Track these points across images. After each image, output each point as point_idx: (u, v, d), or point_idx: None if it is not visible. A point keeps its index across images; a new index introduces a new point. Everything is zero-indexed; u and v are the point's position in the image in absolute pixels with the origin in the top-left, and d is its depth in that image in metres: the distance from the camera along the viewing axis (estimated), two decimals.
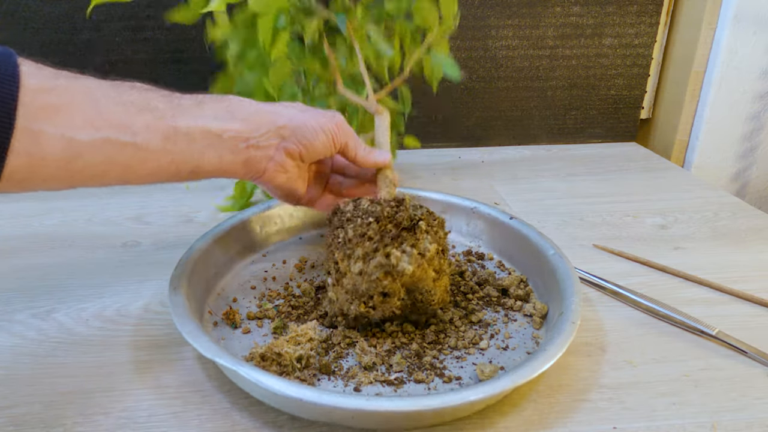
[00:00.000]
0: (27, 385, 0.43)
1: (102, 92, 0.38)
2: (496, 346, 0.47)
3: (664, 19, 0.92)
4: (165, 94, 0.42)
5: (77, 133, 0.36)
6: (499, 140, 0.98)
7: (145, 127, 0.39)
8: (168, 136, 0.41)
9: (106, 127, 0.38)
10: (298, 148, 0.47)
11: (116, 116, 0.38)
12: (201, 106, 0.43)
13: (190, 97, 0.44)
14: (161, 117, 0.40)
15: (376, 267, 0.43)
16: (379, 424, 0.39)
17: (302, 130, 0.47)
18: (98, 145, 0.37)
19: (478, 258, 0.59)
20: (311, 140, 0.47)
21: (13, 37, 0.81)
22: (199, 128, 0.42)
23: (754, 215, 0.72)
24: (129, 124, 0.39)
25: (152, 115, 0.40)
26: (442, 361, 0.45)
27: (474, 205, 0.63)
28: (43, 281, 0.56)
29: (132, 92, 0.40)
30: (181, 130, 0.41)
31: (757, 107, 0.91)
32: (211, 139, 0.43)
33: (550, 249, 0.53)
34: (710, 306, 0.53)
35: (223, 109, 0.44)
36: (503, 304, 0.52)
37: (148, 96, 0.41)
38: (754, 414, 0.41)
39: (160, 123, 0.40)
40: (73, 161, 0.37)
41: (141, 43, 0.84)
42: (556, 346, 0.40)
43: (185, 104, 0.43)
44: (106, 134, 0.38)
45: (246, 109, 0.45)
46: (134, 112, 0.39)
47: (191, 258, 0.51)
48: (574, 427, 0.40)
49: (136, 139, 0.39)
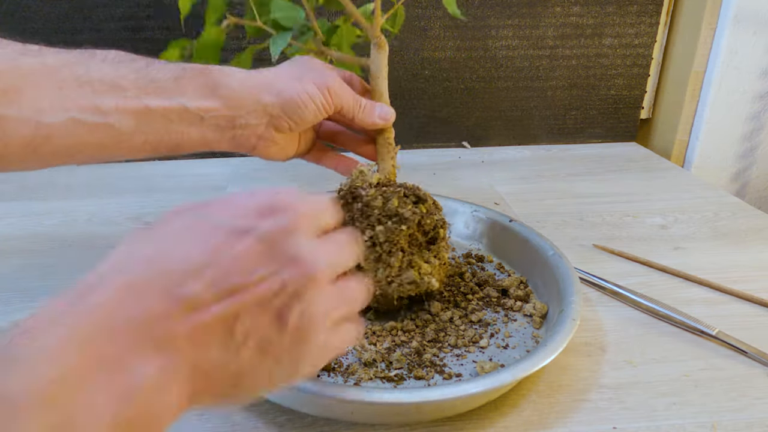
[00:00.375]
0: None
1: (69, 70, 0.36)
2: (496, 345, 0.47)
3: (664, 19, 0.92)
4: (139, 68, 0.39)
5: (44, 116, 0.35)
6: (499, 140, 0.98)
7: (115, 107, 0.37)
8: (141, 117, 0.38)
9: (75, 108, 0.36)
10: (287, 124, 0.45)
11: (84, 97, 0.36)
12: (178, 81, 0.40)
13: (168, 69, 0.40)
14: (133, 96, 0.38)
15: (407, 281, 0.45)
16: (379, 418, 0.39)
17: (291, 105, 0.44)
18: (68, 126, 0.36)
19: (478, 260, 0.59)
20: (301, 114, 0.44)
21: (13, 37, 0.81)
22: (175, 109, 0.39)
23: (754, 215, 0.72)
24: (98, 104, 0.37)
25: (123, 94, 0.37)
26: (442, 358, 0.45)
27: (474, 208, 0.63)
28: (43, 281, 0.56)
29: (102, 67, 0.38)
30: (156, 110, 0.39)
31: (757, 107, 0.91)
32: (191, 119, 0.40)
33: (550, 250, 0.53)
34: (710, 306, 0.53)
35: (203, 85, 0.41)
36: (503, 305, 0.52)
37: (119, 71, 0.38)
38: (754, 414, 0.41)
39: (131, 103, 0.38)
40: (43, 145, 0.36)
41: (141, 43, 0.84)
42: (557, 343, 0.41)
43: (160, 79, 0.39)
44: (75, 116, 0.36)
45: (229, 84, 0.42)
46: (103, 92, 0.37)
47: None
48: (574, 427, 0.40)
49: (107, 119, 0.37)
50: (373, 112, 0.47)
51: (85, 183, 0.81)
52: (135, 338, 0.23)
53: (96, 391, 0.21)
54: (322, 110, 0.45)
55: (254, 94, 0.43)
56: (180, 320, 0.24)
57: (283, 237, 0.26)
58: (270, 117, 0.44)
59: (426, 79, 0.91)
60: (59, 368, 0.20)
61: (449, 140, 0.97)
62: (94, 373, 0.21)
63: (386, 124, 0.48)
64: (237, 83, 0.42)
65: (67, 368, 0.20)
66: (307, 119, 0.45)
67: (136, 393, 0.22)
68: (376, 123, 0.48)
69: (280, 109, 0.44)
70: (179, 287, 0.24)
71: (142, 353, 0.23)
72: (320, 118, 0.46)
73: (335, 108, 0.46)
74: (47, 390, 0.20)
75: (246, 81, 0.43)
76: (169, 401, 0.23)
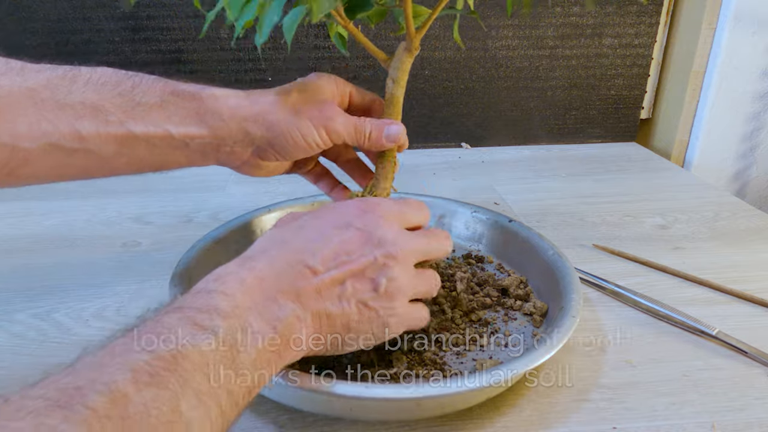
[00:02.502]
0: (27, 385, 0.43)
1: (50, 93, 0.36)
2: (496, 343, 0.47)
3: (664, 19, 0.92)
4: (124, 90, 0.38)
5: (21, 141, 0.35)
6: (499, 140, 0.98)
7: (96, 133, 0.37)
8: (123, 142, 0.38)
9: (54, 134, 0.35)
10: (274, 156, 0.43)
11: (64, 122, 0.36)
12: (165, 106, 0.39)
13: (155, 92, 0.39)
14: (117, 121, 0.37)
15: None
16: (379, 414, 0.39)
17: (280, 141, 0.42)
18: (46, 151, 0.36)
19: (478, 261, 0.59)
20: (290, 150, 0.42)
21: (13, 37, 0.81)
22: (160, 135, 0.39)
23: (754, 215, 0.72)
24: (78, 130, 0.36)
25: (105, 118, 0.37)
26: (442, 357, 0.45)
27: (473, 208, 0.63)
28: (43, 281, 0.56)
29: (86, 90, 0.37)
30: (139, 136, 0.38)
31: (757, 107, 0.91)
32: (176, 144, 0.40)
33: (550, 249, 0.53)
34: (710, 306, 0.53)
35: (192, 111, 0.40)
36: (503, 304, 0.52)
37: (103, 94, 0.37)
38: (754, 414, 0.41)
39: (114, 129, 0.37)
40: (20, 167, 0.35)
41: (141, 43, 0.84)
42: (556, 340, 0.40)
43: (146, 103, 0.39)
44: (54, 141, 0.35)
45: (218, 111, 0.40)
46: (84, 115, 0.36)
47: (201, 246, 0.52)
48: (574, 427, 0.40)
49: (87, 145, 0.37)
50: (381, 136, 0.44)
51: (85, 183, 0.80)
52: (280, 287, 0.33)
53: (257, 317, 0.31)
54: (315, 148, 0.43)
55: (243, 125, 0.41)
56: (308, 280, 0.34)
57: (373, 228, 0.37)
58: (255, 146, 0.42)
59: (426, 79, 0.91)
60: (233, 302, 0.31)
61: (449, 140, 0.97)
62: (254, 308, 0.32)
63: (397, 140, 0.44)
64: (227, 111, 0.41)
65: (239, 302, 0.31)
66: (295, 155, 0.43)
67: (281, 323, 0.32)
68: (384, 146, 0.44)
69: (267, 143, 0.42)
70: (307, 260, 0.35)
71: (285, 297, 0.33)
72: (311, 153, 0.43)
73: (335, 142, 0.43)
74: (229, 311, 0.30)
75: (237, 110, 0.41)
76: (299, 337, 0.33)
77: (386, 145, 0.44)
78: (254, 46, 0.85)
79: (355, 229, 0.36)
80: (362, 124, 0.43)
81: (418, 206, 0.41)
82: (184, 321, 0.29)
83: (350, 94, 0.46)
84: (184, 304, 0.30)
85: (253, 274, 0.33)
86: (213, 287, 0.32)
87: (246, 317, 0.31)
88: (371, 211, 0.38)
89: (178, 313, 0.29)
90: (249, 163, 0.44)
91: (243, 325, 0.31)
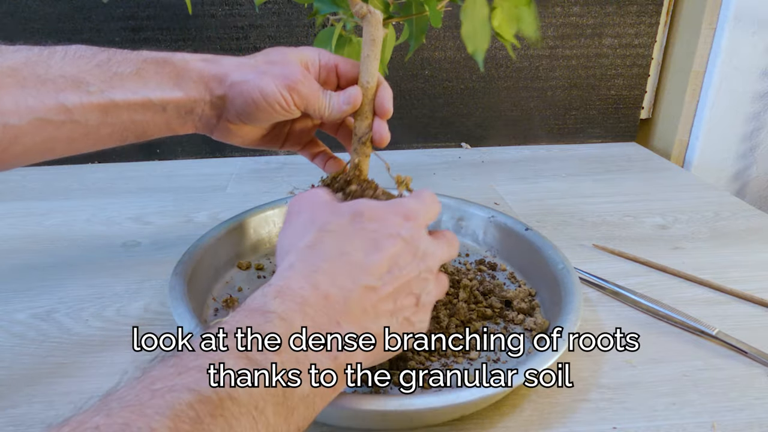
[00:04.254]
0: (27, 385, 0.43)
1: (30, 70, 0.37)
2: (487, 358, 0.45)
3: (664, 19, 0.92)
4: (101, 62, 0.39)
5: (9, 117, 0.35)
6: (499, 140, 0.98)
7: (80, 104, 0.38)
8: (107, 111, 0.39)
9: (40, 108, 0.36)
10: (239, 119, 0.43)
11: (48, 95, 0.36)
12: (140, 74, 0.40)
13: (129, 61, 0.40)
14: (98, 90, 0.38)
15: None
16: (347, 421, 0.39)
17: (241, 102, 0.41)
18: (34, 126, 0.36)
19: (490, 268, 0.58)
20: (253, 112, 0.41)
21: (13, 37, 0.81)
22: (139, 101, 0.40)
23: (754, 215, 0.72)
24: (62, 102, 0.37)
25: (86, 89, 0.38)
26: (427, 366, 0.43)
27: (491, 214, 0.62)
28: (43, 281, 0.56)
29: (63, 63, 0.38)
30: (120, 104, 0.39)
31: (757, 107, 0.91)
32: (155, 109, 0.41)
33: (560, 263, 0.51)
34: (710, 306, 0.53)
35: (165, 76, 0.41)
36: (504, 317, 0.50)
37: (81, 66, 0.38)
38: (754, 414, 0.41)
39: (96, 98, 0.38)
40: (12, 146, 0.36)
41: (141, 43, 0.84)
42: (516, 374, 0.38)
43: (123, 72, 0.40)
44: (41, 116, 0.36)
45: (188, 73, 0.41)
46: (66, 88, 0.37)
47: (201, 246, 0.52)
48: (574, 427, 0.40)
49: (72, 116, 0.37)
50: (340, 103, 0.43)
51: (85, 183, 0.81)
52: (344, 308, 0.32)
53: (315, 346, 0.30)
54: (279, 110, 0.42)
55: (209, 85, 0.42)
56: (369, 299, 0.33)
57: (417, 240, 0.36)
58: (217, 109, 0.43)
59: (426, 79, 0.91)
60: (291, 328, 0.29)
61: (449, 140, 0.97)
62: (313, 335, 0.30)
63: (353, 108, 0.43)
64: (196, 73, 0.41)
65: (296, 328, 0.30)
66: (260, 118, 0.42)
67: (341, 353, 0.31)
68: (345, 111, 0.43)
69: (230, 102, 0.42)
70: (368, 276, 0.34)
71: (348, 320, 0.32)
72: (277, 117, 0.42)
73: (300, 107, 0.42)
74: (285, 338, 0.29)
75: (203, 71, 0.42)
76: (355, 363, 0.32)
77: (345, 108, 0.43)
78: (254, 46, 0.85)
79: (403, 240, 0.36)
80: (326, 92, 0.43)
81: (434, 203, 0.40)
82: (234, 353, 0.27)
83: (336, 66, 0.45)
84: (235, 328, 0.28)
85: (318, 291, 0.32)
86: (271, 306, 0.30)
87: (302, 347, 0.29)
88: (414, 219, 0.37)
89: (228, 341, 0.27)
90: (220, 128, 0.44)
91: (298, 357, 0.29)
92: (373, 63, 0.41)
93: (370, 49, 0.41)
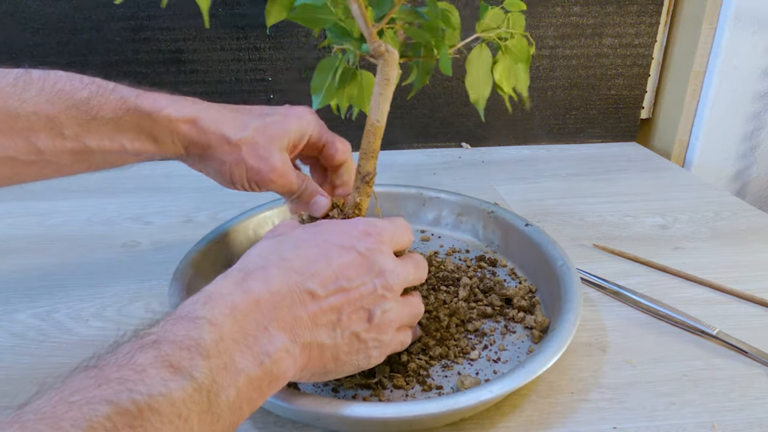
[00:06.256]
0: (27, 384, 0.43)
1: (1, 101, 0.36)
2: (487, 358, 0.45)
3: (664, 19, 0.92)
4: (80, 102, 0.38)
5: None
6: (499, 140, 0.98)
7: (53, 147, 0.37)
8: (80, 154, 0.39)
9: (10, 147, 0.36)
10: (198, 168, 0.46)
11: (20, 135, 0.36)
12: (120, 124, 0.39)
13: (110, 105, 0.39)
14: (72, 135, 0.37)
15: None
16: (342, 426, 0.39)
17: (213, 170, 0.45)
18: (4, 162, 0.36)
19: (490, 264, 0.58)
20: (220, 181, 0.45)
21: (13, 37, 0.81)
22: (114, 149, 0.40)
23: (754, 215, 0.72)
24: (34, 143, 0.37)
25: (61, 131, 0.37)
26: (427, 368, 0.43)
27: (492, 208, 0.61)
28: (43, 281, 0.56)
29: (39, 98, 0.37)
30: (95, 150, 0.39)
31: (757, 107, 0.91)
32: (129, 156, 0.42)
33: (560, 260, 0.51)
34: (710, 306, 0.53)
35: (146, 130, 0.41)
36: (505, 315, 0.50)
37: (57, 105, 0.37)
38: (754, 414, 0.41)
39: (70, 143, 0.38)
40: None
41: (141, 43, 0.84)
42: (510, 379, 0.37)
43: (102, 118, 0.38)
44: (11, 154, 0.36)
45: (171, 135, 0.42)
46: (40, 130, 0.36)
47: (199, 250, 0.52)
48: (574, 427, 0.40)
49: (45, 157, 0.37)
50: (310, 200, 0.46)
51: (85, 183, 0.80)
52: (275, 315, 0.31)
53: (243, 351, 0.29)
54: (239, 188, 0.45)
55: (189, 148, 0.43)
56: (306, 307, 0.32)
57: (375, 255, 0.35)
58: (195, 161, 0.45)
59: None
60: (219, 333, 0.28)
61: (449, 140, 0.97)
62: (242, 341, 0.29)
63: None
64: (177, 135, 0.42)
65: (225, 334, 0.29)
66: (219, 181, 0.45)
67: (269, 358, 0.30)
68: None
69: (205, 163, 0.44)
70: (307, 282, 0.33)
71: (278, 327, 0.31)
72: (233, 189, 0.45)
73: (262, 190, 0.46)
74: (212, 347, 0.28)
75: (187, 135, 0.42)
76: (285, 372, 0.31)
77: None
78: (254, 46, 0.85)
79: (357, 253, 0.35)
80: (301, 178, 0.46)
81: (406, 229, 0.40)
82: (159, 362, 0.26)
83: (310, 135, 0.47)
84: (163, 337, 0.27)
85: (249, 296, 0.31)
86: (200, 313, 0.29)
87: (231, 353, 0.28)
88: (375, 235, 0.36)
89: (153, 350, 0.26)
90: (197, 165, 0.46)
91: (226, 363, 0.28)
92: (385, 102, 0.41)
93: (383, 88, 0.41)
